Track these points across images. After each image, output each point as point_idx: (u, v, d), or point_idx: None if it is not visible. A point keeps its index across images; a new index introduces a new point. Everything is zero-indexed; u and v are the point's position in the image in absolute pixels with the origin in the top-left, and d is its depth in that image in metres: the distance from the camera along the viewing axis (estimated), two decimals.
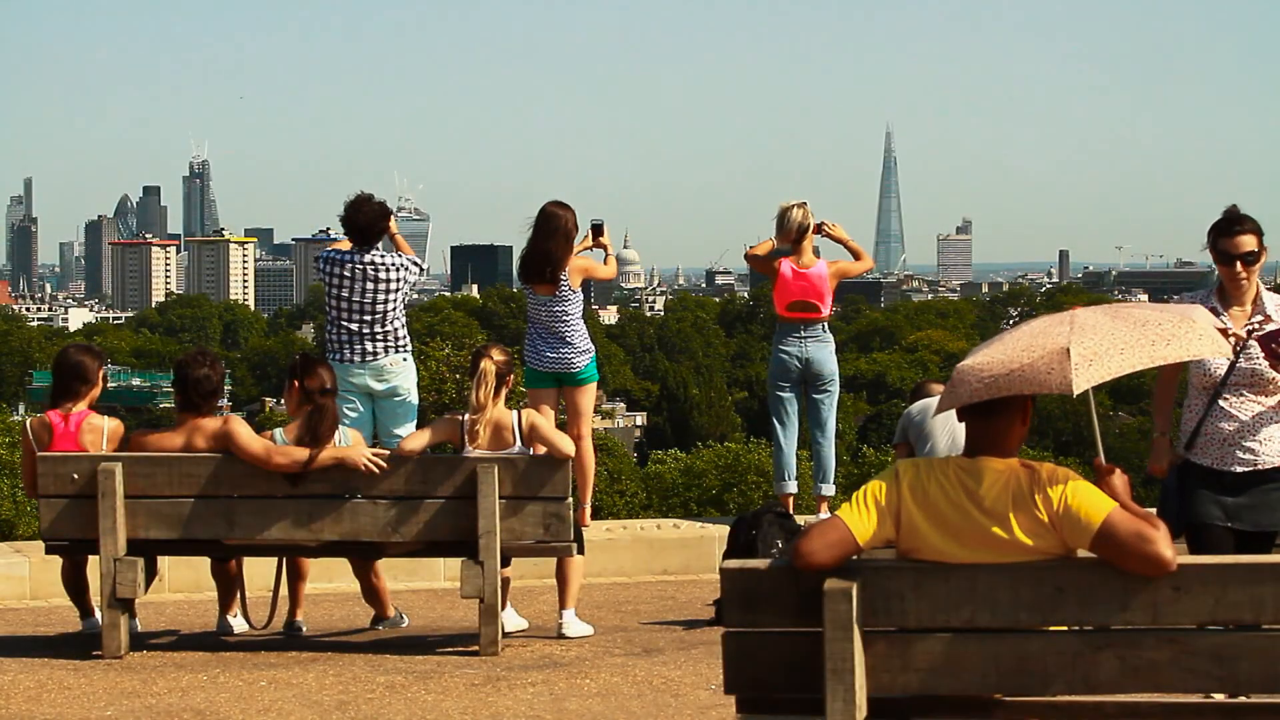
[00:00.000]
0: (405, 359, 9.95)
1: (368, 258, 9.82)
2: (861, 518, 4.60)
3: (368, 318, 9.83)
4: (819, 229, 11.40)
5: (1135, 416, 77.71)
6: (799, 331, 11.28)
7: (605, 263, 10.72)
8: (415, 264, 10.09)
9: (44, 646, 8.36)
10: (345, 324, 9.86)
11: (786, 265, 11.21)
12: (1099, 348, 4.59)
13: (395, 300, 9.86)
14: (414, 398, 10.04)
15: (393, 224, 10.32)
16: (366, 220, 9.81)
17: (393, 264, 9.85)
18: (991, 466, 4.60)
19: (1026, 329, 4.78)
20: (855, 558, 4.59)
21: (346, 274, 9.84)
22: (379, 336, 9.84)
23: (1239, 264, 6.55)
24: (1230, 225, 6.60)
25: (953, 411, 4.72)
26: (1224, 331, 5.00)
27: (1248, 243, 6.56)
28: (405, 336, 9.99)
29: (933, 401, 9.36)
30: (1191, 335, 4.72)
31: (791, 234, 11.23)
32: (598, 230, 10.68)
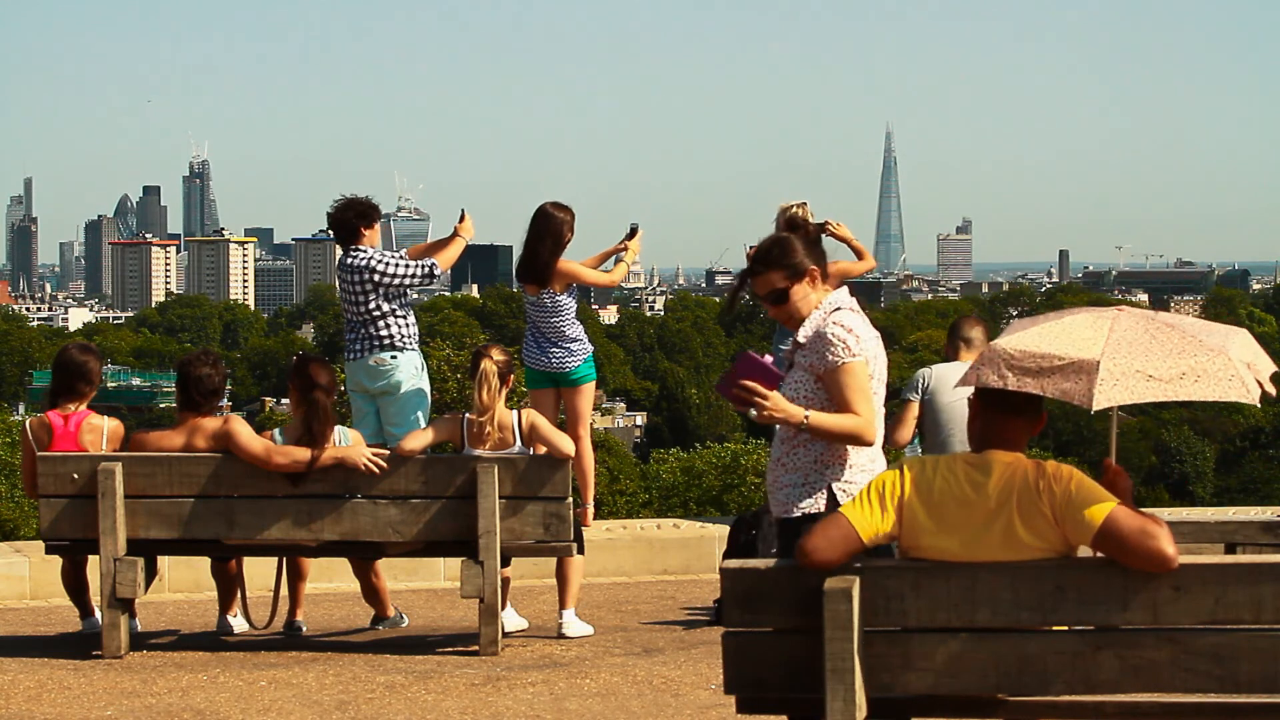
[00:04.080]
0: (394, 357, 9.69)
1: (348, 259, 9.75)
2: (865, 514, 4.60)
3: (351, 317, 9.81)
4: (823, 228, 11.36)
5: (1135, 416, 77.70)
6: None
7: (615, 266, 10.72)
8: (421, 265, 9.78)
9: (44, 646, 8.37)
10: (345, 323, 9.97)
11: None
12: (1128, 367, 4.62)
13: (373, 299, 9.63)
14: (412, 395, 9.84)
15: (466, 227, 10.15)
16: (337, 219, 9.77)
17: (359, 265, 9.64)
18: (999, 460, 4.61)
19: (1069, 321, 4.79)
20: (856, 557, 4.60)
21: (338, 274, 9.93)
22: (363, 335, 9.77)
23: (767, 306, 5.64)
24: (750, 266, 5.66)
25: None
26: None
27: (768, 282, 5.55)
28: (396, 334, 9.69)
29: (955, 371, 8.65)
30: (1221, 376, 4.71)
31: None
32: (632, 233, 10.72)
